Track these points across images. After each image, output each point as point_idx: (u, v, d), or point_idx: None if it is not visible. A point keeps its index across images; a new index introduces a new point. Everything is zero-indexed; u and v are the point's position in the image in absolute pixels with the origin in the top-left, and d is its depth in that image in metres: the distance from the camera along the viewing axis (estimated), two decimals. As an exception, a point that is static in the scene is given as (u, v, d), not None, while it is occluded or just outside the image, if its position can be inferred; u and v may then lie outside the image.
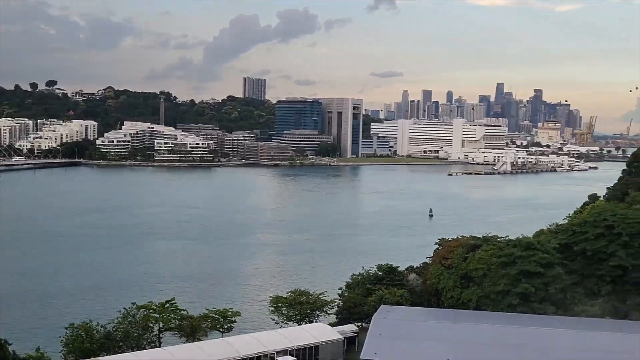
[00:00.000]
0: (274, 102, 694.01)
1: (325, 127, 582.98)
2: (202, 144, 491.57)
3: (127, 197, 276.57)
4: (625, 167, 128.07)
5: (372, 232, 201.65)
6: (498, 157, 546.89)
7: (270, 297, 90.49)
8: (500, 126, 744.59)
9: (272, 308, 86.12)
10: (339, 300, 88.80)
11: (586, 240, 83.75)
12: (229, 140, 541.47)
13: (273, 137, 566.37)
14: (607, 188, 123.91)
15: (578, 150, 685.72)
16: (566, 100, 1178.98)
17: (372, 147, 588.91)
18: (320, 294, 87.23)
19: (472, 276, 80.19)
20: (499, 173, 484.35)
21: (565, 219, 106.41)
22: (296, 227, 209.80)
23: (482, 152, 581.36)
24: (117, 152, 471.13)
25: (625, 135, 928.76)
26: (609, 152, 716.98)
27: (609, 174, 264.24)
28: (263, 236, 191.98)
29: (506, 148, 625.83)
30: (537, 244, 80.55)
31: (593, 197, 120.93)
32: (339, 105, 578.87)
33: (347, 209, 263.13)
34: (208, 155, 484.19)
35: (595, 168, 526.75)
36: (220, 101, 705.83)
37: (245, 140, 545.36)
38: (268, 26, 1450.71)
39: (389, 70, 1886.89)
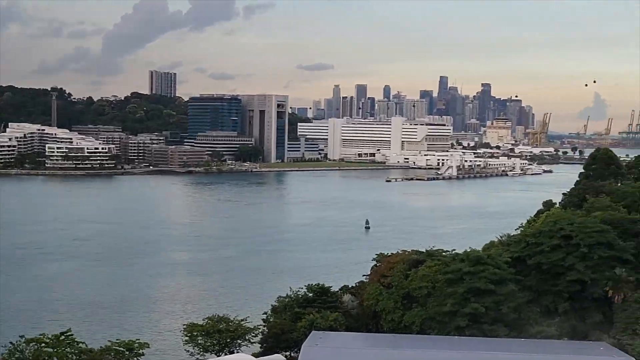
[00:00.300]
0: (186, 100, 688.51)
1: (246, 128, 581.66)
2: (102, 148, 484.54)
3: (12, 211, 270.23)
4: (582, 170, 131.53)
5: (301, 248, 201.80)
6: (442, 160, 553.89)
7: (184, 324, 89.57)
8: (444, 125, 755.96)
9: (187, 338, 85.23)
10: (264, 326, 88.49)
11: (541, 252, 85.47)
12: (134, 143, 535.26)
13: (186, 140, 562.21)
14: (563, 193, 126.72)
15: (531, 152, 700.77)
16: (516, 96, 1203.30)
17: (299, 151, 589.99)
18: (242, 320, 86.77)
19: (414, 296, 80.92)
20: (443, 178, 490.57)
21: (517, 229, 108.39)
22: (214, 243, 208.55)
23: (425, 155, 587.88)
24: (0, 159, 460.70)
25: (582, 135, 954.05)
26: (564, 153, 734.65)
27: (565, 177, 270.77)
28: (176, 254, 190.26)
29: (451, 150, 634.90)
30: (487, 258, 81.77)
31: (548, 204, 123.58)
32: (261, 102, 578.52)
33: (273, 222, 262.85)
34: (109, 162, 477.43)
35: (550, 171, 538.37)
36: (123, 98, 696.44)
37: (153, 143, 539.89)
38: (178, 12, 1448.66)
39: (318, 63, 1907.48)
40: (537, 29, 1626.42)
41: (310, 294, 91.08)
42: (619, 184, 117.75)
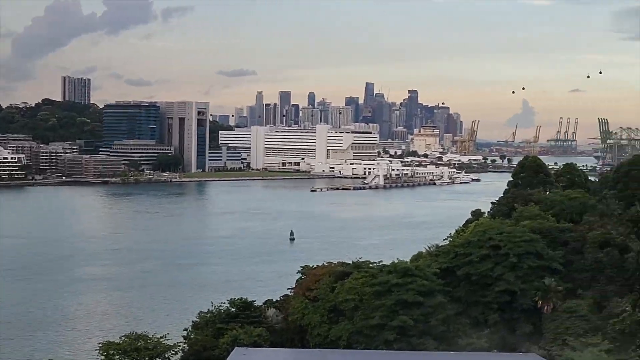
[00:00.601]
0: (101, 107, 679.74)
1: (165, 137, 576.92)
2: (12, 158, 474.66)
3: None
4: (511, 178, 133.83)
5: (223, 261, 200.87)
6: (369, 169, 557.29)
7: (99, 343, 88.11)
8: (370, 133, 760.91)
9: (102, 357, 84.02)
10: (184, 343, 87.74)
11: (470, 263, 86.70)
12: (46, 153, 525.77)
13: (101, 149, 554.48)
14: (492, 202, 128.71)
15: (459, 160, 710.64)
16: (443, 103, 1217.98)
17: (221, 160, 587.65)
18: (162, 337, 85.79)
19: (341, 309, 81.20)
20: (370, 188, 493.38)
21: (446, 239, 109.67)
22: (132, 256, 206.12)
23: (351, 164, 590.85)
24: None
25: (511, 142, 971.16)
26: (493, 161, 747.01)
27: (494, 186, 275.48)
28: (92, 269, 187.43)
29: (378, 158, 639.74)
30: (415, 270, 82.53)
31: (477, 214, 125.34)
32: (180, 109, 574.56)
33: (194, 234, 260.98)
34: (19, 172, 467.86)
35: (478, 180, 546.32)
36: (33, 105, 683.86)
37: (67, 153, 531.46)
38: (93, 14, 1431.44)
39: (240, 69, 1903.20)
40: (465, 34, 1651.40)
41: (233, 309, 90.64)
42: (548, 193, 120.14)
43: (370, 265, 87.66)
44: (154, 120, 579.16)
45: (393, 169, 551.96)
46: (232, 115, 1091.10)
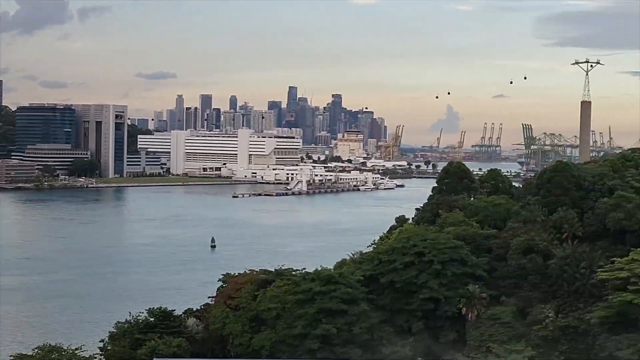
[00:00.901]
0: (13, 109, 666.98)
1: (81, 141, 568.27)
2: None
3: None
4: (435, 184, 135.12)
5: (141, 269, 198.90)
6: (292, 174, 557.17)
7: (10, 356, 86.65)
8: (293, 138, 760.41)
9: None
10: (101, 355, 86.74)
11: (394, 270, 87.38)
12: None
13: (13, 154, 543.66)
14: (417, 209, 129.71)
15: (384, 166, 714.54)
16: (367, 108, 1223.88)
17: (140, 165, 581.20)
18: (77, 349, 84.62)
19: (264, 318, 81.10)
20: (293, 193, 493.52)
21: (370, 246, 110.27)
22: (47, 266, 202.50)
23: (273, 169, 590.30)
24: None
25: (436, 148, 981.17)
26: (417, 167, 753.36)
27: (419, 192, 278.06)
28: (3, 279, 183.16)
29: (301, 164, 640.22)
30: (338, 277, 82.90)
31: (401, 220, 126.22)
32: (97, 113, 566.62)
33: (111, 241, 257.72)
34: None
35: (402, 186, 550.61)
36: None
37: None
38: (5, 13, 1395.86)
39: (160, 71, 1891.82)
40: (390, 38, 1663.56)
41: (152, 319, 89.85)
42: (472, 199, 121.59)
43: (293, 273, 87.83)
44: (70, 124, 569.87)
45: (316, 175, 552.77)
46: (152, 119, 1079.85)
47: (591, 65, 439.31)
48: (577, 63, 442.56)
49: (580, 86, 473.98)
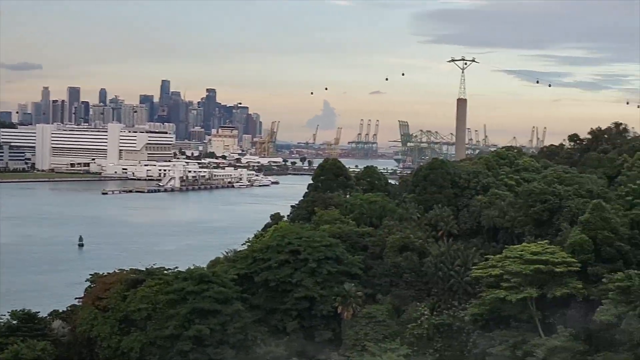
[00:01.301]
0: None
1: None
2: None
3: None
4: (311, 181, 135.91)
5: (4, 270, 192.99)
6: (164, 170, 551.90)
7: None
8: (166, 133, 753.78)
9: None
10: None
11: (269, 268, 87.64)
12: None
13: None
14: (292, 206, 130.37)
15: (259, 162, 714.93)
16: (240, 103, 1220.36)
17: (2, 160, 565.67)
18: None
19: (133, 319, 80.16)
20: (165, 190, 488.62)
21: (244, 244, 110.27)
22: None
23: (145, 165, 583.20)
24: None
25: (312, 144, 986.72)
26: (293, 163, 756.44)
27: (294, 189, 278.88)
28: None
29: (174, 160, 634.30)
30: (212, 276, 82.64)
31: (276, 218, 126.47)
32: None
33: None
34: None
35: (277, 182, 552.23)
36: None
37: None
38: None
39: (24, 62, 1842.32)
40: (265, 33, 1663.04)
41: (14, 322, 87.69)
42: (348, 196, 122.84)
43: (165, 272, 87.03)
44: None
45: (190, 171, 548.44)
46: (17, 112, 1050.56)
47: (465, 63, 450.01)
48: (453, 61, 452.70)
49: (456, 84, 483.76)
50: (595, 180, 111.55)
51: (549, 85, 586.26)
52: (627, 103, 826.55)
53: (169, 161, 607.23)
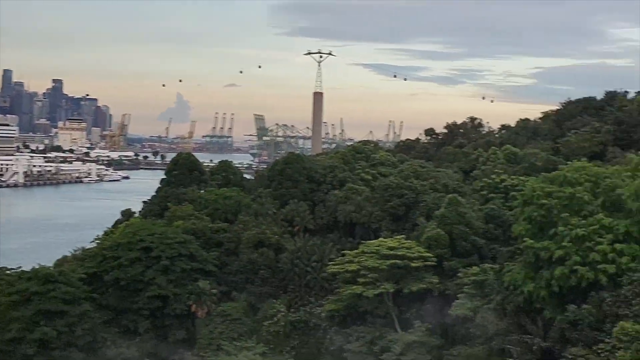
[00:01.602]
0: None
1: None
2: None
3: None
4: (164, 176, 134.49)
5: None
6: (6, 165, 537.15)
7: None
8: (8, 125, 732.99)
9: None
10: None
11: (119, 267, 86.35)
12: None
13: None
14: (144, 202, 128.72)
15: (109, 156, 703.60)
16: (88, 94, 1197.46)
17: None
18: None
19: (-27, 322, 77.56)
20: (8, 186, 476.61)
21: (94, 241, 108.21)
22: None
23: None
24: None
25: (165, 138, 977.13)
26: (145, 157, 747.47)
27: (146, 184, 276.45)
28: None
29: (17, 154, 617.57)
30: (58, 276, 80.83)
31: (127, 214, 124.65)
32: None
33: None
34: None
35: (128, 177, 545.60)
36: None
37: None
38: None
39: None
40: (116, 23, 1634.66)
41: None
42: (202, 191, 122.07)
43: (7, 272, 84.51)
44: None
45: (34, 166, 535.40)
46: None
47: (321, 56, 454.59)
48: (309, 53, 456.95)
49: (313, 77, 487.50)
50: (450, 175, 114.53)
51: (405, 79, 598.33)
52: (483, 98, 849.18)
53: (12, 155, 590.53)
